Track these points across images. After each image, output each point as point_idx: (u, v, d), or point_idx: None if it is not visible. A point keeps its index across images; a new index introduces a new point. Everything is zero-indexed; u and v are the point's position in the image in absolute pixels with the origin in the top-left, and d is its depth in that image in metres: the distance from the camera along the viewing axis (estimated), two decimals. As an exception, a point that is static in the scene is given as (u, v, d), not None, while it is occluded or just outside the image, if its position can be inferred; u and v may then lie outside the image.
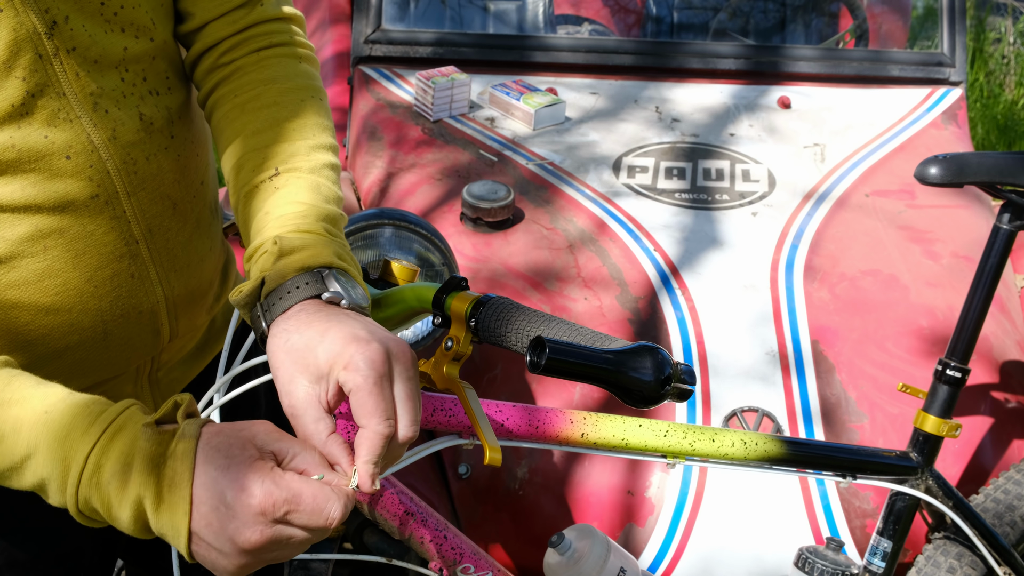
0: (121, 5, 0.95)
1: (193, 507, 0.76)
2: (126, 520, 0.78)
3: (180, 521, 0.76)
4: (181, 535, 0.76)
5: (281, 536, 0.77)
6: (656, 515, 1.67)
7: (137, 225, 1.00)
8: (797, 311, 1.91)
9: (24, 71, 0.89)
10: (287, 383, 0.83)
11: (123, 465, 0.77)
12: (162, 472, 0.77)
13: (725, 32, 2.82)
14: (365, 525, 1.46)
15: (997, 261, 1.57)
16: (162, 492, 0.76)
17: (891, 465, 1.52)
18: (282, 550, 0.78)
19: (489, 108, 2.40)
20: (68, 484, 0.79)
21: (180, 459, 0.77)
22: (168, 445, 0.77)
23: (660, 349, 0.85)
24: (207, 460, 0.77)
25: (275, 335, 0.86)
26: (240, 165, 1.00)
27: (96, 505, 0.79)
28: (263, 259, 0.90)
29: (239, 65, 1.05)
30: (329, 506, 0.77)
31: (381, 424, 0.80)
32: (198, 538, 0.77)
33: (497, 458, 0.91)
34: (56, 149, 0.92)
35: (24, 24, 0.88)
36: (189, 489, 0.76)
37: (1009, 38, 4.88)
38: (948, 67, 2.53)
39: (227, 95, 1.04)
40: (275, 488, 0.75)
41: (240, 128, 1.01)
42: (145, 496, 0.77)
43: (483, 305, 0.97)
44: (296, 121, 1.02)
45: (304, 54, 1.09)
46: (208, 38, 1.06)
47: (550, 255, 1.98)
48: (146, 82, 0.99)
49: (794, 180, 2.24)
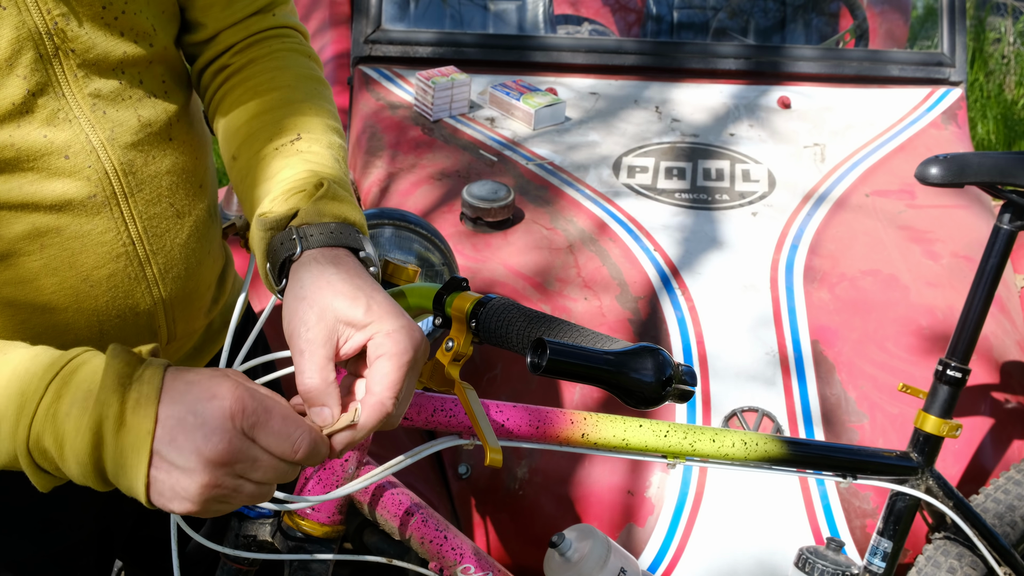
0: (123, 10, 0.96)
1: (158, 424, 0.73)
2: (81, 451, 0.74)
3: (142, 441, 0.73)
4: (142, 458, 0.73)
5: (247, 454, 0.73)
6: (656, 515, 1.67)
7: (134, 226, 1.00)
8: (797, 311, 1.91)
9: (25, 70, 0.89)
10: (314, 311, 0.81)
11: (86, 391, 0.75)
12: (127, 393, 0.74)
13: (725, 32, 2.82)
14: (365, 525, 1.46)
15: (997, 261, 1.57)
16: (125, 413, 0.73)
17: (891, 465, 1.52)
18: (246, 477, 0.74)
19: (489, 108, 2.40)
20: (22, 418, 0.76)
21: (147, 382, 0.74)
22: (136, 368, 0.75)
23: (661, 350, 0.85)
24: (176, 377, 0.75)
25: (310, 264, 0.85)
26: (254, 136, 1.00)
27: (48, 443, 0.75)
28: (298, 196, 0.91)
29: (251, 57, 1.07)
30: (298, 434, 0.75)
31: (391, 400, 0.80)
32: (159, 460, 0.73)
33: (498, 459, 0.91)
34: (55, 148, 0.92)
35: (26, 23, 0.89)
36: (155, 408, 0.73)
37: (1009, 38, 4.88)
38: (948, 67, 2.53)
39: (239, 82, 1.05)
40: (247, 396, 0.74)
41: (253, 108, 1.02)
42: (107, 417, 0.73)
43: (484, 305, 0.97)
44: (311, 103, 1.03)
45: (313, 55, 1.11)
46: (219, 45, 1.07)
47: (550, 255, 1.98)
48: (143, 85, 0.99)
49: (794, 180, 2.24)
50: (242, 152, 1.00)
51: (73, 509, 1.12)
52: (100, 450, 0.74)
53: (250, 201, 0.98)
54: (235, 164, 1.01)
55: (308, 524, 1.21)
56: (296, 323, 0.82)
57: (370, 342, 0.81)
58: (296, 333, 0.82)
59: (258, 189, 0.96)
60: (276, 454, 0.75)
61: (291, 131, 0.99)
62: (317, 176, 0.93)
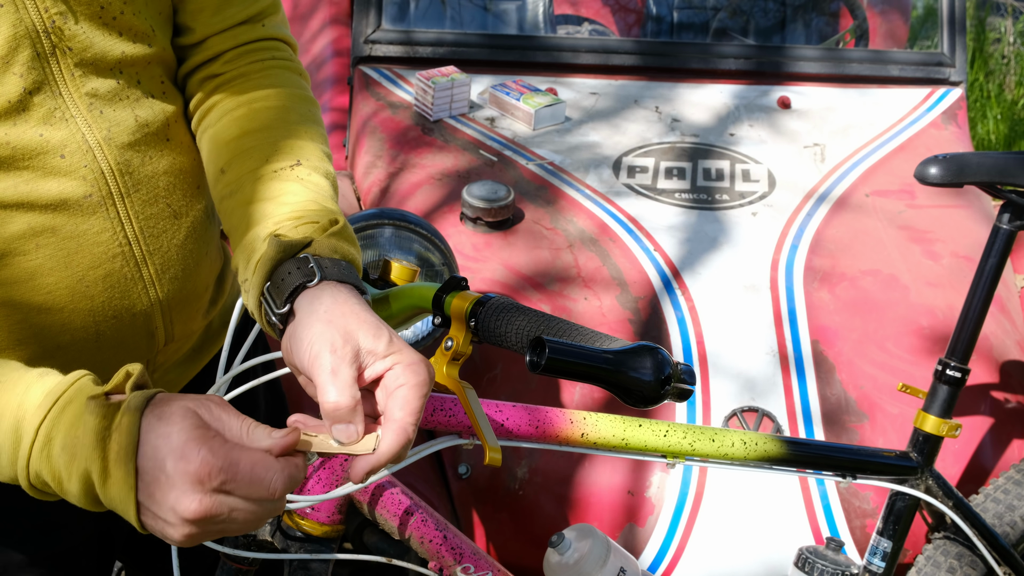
0: (121, 11, 0.96)
1: (138, 478, 0.76)
2: (76, 493, 0.78)
3: (126, 494, 0.76)
4: (130, 508, 0.76)
5: (222, 507, 0.75)
6: (656, 515, 1.67)
7: (131, 226, 1.00)
8: (797, 311, 1.91)
9: (22, 68, 0.89)
10: (340, 334, 0.82)
11: (71, 439, 0.77)
12: (107, 446, 0.76)
13: (725, 32, 2.82)
14: (365, 525, 1.46)
15: (997, 261, 1.57)
16: (108, 467, 0.76)
17: (891, 465, 1.52)
18: (227, 523, 0.77)
19: (489, 108, 2.40)
20: (19, 456, 0.79)
21: (125, 433, 0.76)
22: (113, 419, 0.77)
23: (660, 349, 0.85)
24: (150, 430, 0.76)
25: (328, 291, 0.86)
26: (247, 152, 0.99)
27: (47, 478, 0.79)
28: (311, 227, 0.92)
29: (243, 71, 1.06)
30: (270, 476, 0.76)
31: (412, 426, 0.81)
32: (144, 508, 0.76)
33: (497, 458, 0.91)
34: (51, 147, 0.92)
35: (24, 20, 0.89)
36: (133, 463, 0.75)
37: (1009, 38, 4.88)
38: (948, 67, 2.53)
39: (230, 94, 1.04)
40: (211, 456, 0.75)
41: (246, 124, 1.02)
42: (92, 470, 0.76)
43: (483, 305, 0.97)
44: (305, 127, 1.03)
45: (303, 72, 1.11)
46: (208, 51, 1.07)
47: (550, 255, 1.98)
48: (140, 85, 0.99)
49: (794, 180, 2.24)
50: (233, 167, 1.00)
51: (73, 511, 1.12)
52: (93, 493, 0.78)
53: (238, 216, 0.97)
54: (222, 177, 1.00)
55: (308, 524, 1.21)
56: (323, 343, 0.82)
57: (389, 372, 0.82)
58: (322, 352, 0.82)
59: (253, 207, 0.96)
60: (253, 499, 0.76)
61: (289, 155, 0.99)
62: (328, 212, 0.94)
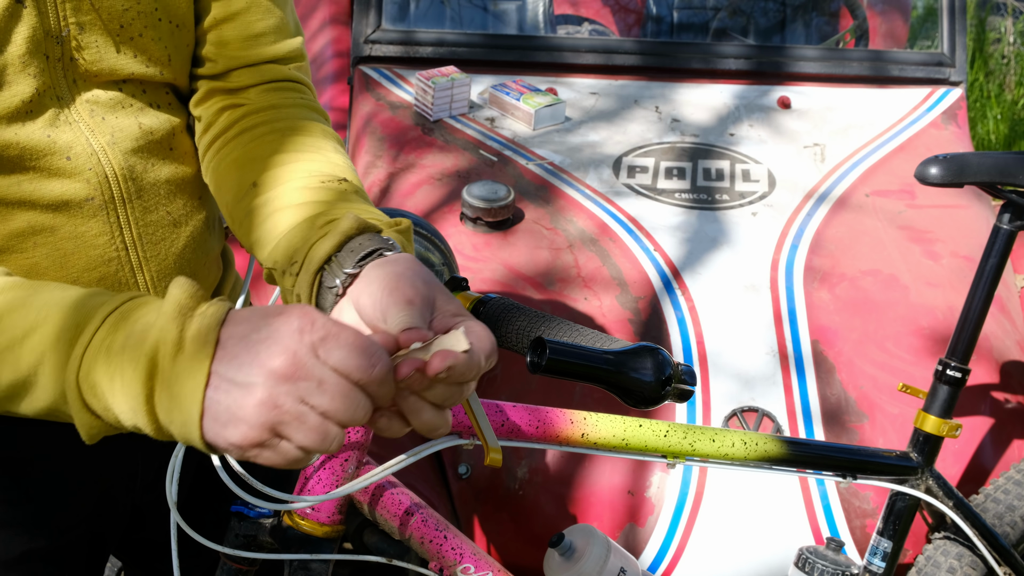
0: (140, 33, 0.96)
1: (219, 345, 0.69)
2: (134, 382, 0.70)
3: (200, 363, 0.69)
4: (198, 380, 0.68)
5: (313, 372, 0.67)
6: (656, 515, 1.67)
7: (129, 232, 1.00)
8: (797, 311, 1.91)
9: (35, 69, 0.91)
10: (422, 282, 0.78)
11: (144, 325, 0.71)
12: (187, 322, 0.70)
13: (725, 32, 2.82)
14: (365, 525, 1.46)
15: (997, 261, 1.58)
16: (184, 339, 0.70)
17: (891, 465, 1.52)
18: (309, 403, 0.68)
19: (489, 108, 2.40)
20: (76, 348, 0.72)
21: (210, 315, 0.71)
22: (200, 302, 0.72)
23: (660, 350, 0.85)
24: (241, 310, 0.72)
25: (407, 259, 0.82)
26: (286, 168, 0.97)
27: (98, 376, 0.71)
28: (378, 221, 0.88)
29: (274, 103, 1.04)
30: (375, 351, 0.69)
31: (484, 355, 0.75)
32: (217, 379, 0.68)
33: (497, 458, 0.91)
34: (58, 148, 0.93)
35: (43, 24, 0.90)
36: (216, 332, 0.70)
37: (1009, 38, 4.88)
38: (948, 67, 2.53)
39: (260, 124, 1.02)
40: (317, 313, 0.69)
41: (281, 146, 0.99)
42: (164, 342, 0.69)
43: (484, 305, 0.97)
44: (340, 156, 1.01)
45: (328, 117, 1.09)
46: (231, 83, 1.04)
47: (550, 255, 1.98)
48: (145, 95, 1.00)
49: (794, 180, 2.24)
50: (267, 181, 0.96)
51: (64, 509, 1.12)
52: (154, 379, 0.70)
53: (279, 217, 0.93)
54: (252, 190, 0.97)
55: (308, 524, 1.21)
56: (406, 280, 0.77)
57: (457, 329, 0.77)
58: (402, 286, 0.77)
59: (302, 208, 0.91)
60: (346, 372, 0.68)
61: (334, 174, 0.96)
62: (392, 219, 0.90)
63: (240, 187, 0.99)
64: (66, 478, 1.11)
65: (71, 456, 1.09)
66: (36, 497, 1.10)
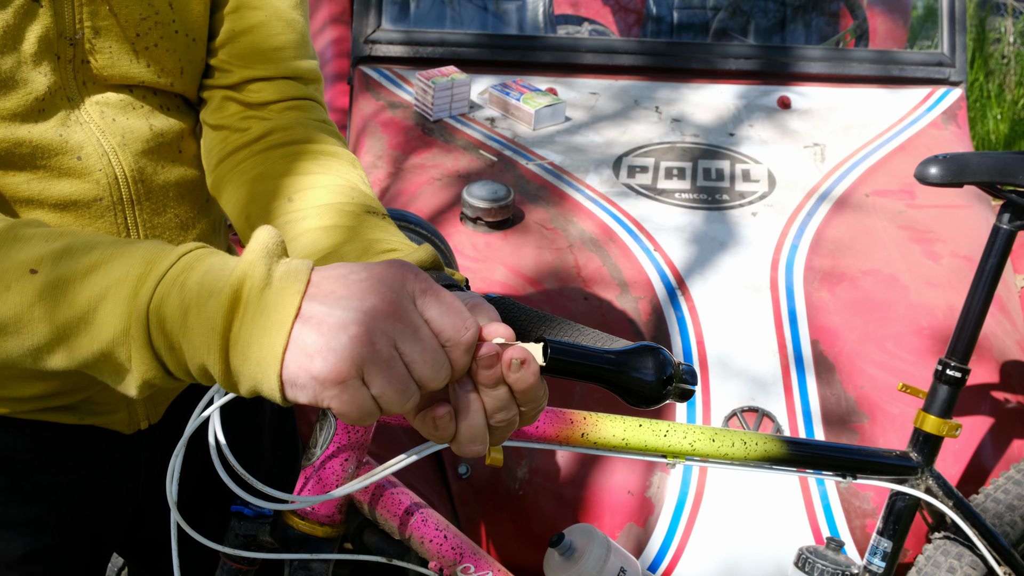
0: (156, 43, 0.96)
1: (311, 284, 0.66)
2: (213, 315, 0.66)
3: (291, 297, 0.65)
4: (287, 314, 0.65)
5: (410, 318, 0.65)
6: (656, 515, 1.67)
7: (136, 234, 1.00)
8: (797, 311, 1.91)
9: (48, 68, 0.91)
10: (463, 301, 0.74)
11: (223, 264, 0.68)
12: (275, 262, 0.67)
13: (725, 32, 2.82)
14: (365, 525, 1.46)
15: (997, 261, 1.58)
16: (272, 276, 0.66)
17: (891, 465, 1.52)
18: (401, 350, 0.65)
19: (489, 108, 2.40)
20: (148, 280, 0.68)
21: (300, 260, 0.68)
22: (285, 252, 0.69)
23: (662, 349, 0.85)
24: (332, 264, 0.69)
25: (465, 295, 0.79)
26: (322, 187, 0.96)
27: (169, 309, 0.67)
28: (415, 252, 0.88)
29: (300, 121, 1.04)
30: (467, 316, 0.67)
31: None
32: (308, 314, 0.65)
33: (498, 458, 0.91)
34: (69, 148, 0.93)
35: (58, 25, 0.90)
36: (308, 272, 0.67)
37: (1009, 38, 4.88)
38: (948, 67, 2.53)
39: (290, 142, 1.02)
40: (418, 269, 0.68)
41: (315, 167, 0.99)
42: (251, 276, 0.66)
43: (484, 305, 0.96)
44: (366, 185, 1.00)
45: (341, 137, 1.08)
46: (249, 96, 1.04)
47: (550, 255, 1.98)
48: (156, 96, 1.00)
49: (794, 180, 2.24)
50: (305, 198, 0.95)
51: (65, 510, 1.12)
52: (235, 312, 0.66)
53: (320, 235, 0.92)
54: (288, 204, 0.96)
55: (308, 524, 1.21)
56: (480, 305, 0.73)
57: None
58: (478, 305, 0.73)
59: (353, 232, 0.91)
60: (439, 329, 0.66)
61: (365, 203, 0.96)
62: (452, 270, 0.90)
63: (271, 200, 0.97)
64: (67, 479, 1.11)
65: (72, 457, 1.09)
66: (37, 498, 1.10)
